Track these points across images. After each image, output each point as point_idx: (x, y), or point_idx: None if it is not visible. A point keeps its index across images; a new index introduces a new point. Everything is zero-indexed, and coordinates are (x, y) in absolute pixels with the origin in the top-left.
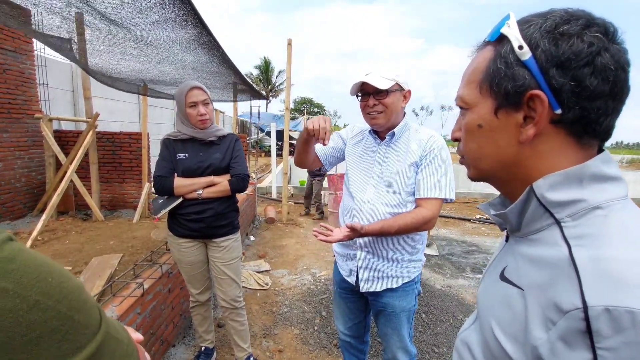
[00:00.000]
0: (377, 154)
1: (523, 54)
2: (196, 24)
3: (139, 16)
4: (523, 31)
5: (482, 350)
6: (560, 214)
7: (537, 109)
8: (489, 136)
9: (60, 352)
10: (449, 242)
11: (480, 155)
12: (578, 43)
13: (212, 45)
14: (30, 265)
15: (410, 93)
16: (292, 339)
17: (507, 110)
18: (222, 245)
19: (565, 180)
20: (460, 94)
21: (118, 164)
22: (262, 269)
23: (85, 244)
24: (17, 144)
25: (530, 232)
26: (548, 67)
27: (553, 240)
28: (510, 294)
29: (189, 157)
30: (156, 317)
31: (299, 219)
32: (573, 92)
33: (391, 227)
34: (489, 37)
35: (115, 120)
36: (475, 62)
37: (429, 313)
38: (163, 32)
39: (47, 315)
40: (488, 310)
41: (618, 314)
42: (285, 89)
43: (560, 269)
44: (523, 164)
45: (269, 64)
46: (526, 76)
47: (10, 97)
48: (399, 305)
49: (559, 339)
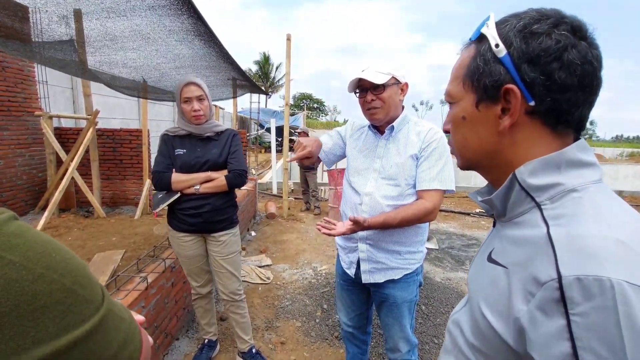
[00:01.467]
0: (378, 148)
1: (499, 51)
2: (191, 14)
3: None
4: (500, 30)
5: (471, 329)
6: (540, 198)
7: (512, 102)
8: (472, 127)
9: (64, 323)
10: (449, 236)
11: (465, 144)
12: (546, 40)
13: (209, 37)
14: (36, 241)
15: (407, 86)
16: (294, 332)
17: (486, 103)
18: (220, 240)
19: (544, 166)
20: (448, 89)
21: (119, 160)
22: (263, 264)
23: (88, 241)
24: (18, 141)
25: (515, 216)
26: (520, 63)
27: (534, 221)
28: (497, 273)
29: (187, 153)
30: (160, 310)
31: (299, 214)
32: (544, 86)
33: (394, 219)
34: (472, 36)
35: (115, 117)
36: (460, 60)
37: (429, 305)
38: (159, 18)
39: (51, 287)
40: (477, 292)
41: (588, 282)
42: (285, 84)
43: (539, 246)
44: (503, 152)
45: (268, 59)
46: (502, 72)
47: (9, 95)
48: (401, 296)
49: (537, 308)
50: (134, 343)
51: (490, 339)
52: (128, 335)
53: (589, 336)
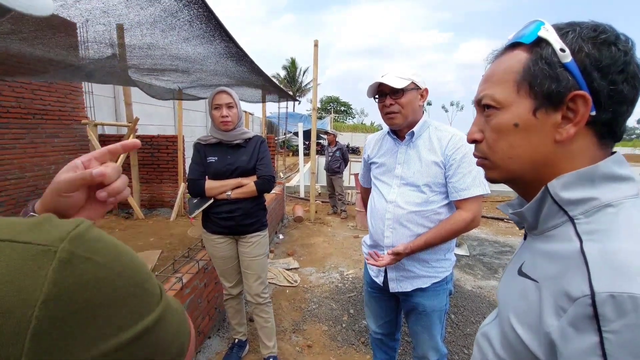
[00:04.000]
0: (399, 154)
1: (565, 56)
2: (223, 38)
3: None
4: (561, 36)
5: (501, 342)
6: (573, 212)
7: (578, 110)
8: (524, 136)
9: (138, 313)
10: (481, 242)
11: (513, 154)
12: (616, 51)
13: (241, 56)
14: (112, 244)
15: (427, 91)
16: (321, 335)
17: (546, 110)
18: (250, 241)
19: (577, 180)
20: (490, 93)
21: (156, 165)
22: (290, 267)
23: (128, 241)
24: (67, 148)
25: (547, 229)
26: (591, 70)
27: (567, 236)
28: (527, 287)
29: (218, 160)
30: (194, 309)
31: (326, 218)
32: (609, 96)
33: (435, 238)
34: (522, 39)
35: (152, 124)
36: (506, 63)
37: (458, 314)
38: (194, 48)
39: (127, 282)
40: (507, 304)
41: (621, 299)
42: (312, 89)
43: (572, 261)
44: (552, 164)
45: (295, 65)
46: (568, 77)
47: (60, 105)
48: (430, 304)
49: (569, 324)
50: (184, 333)
51: (519, 352)
52: (180, 326)
53: (622, 354)
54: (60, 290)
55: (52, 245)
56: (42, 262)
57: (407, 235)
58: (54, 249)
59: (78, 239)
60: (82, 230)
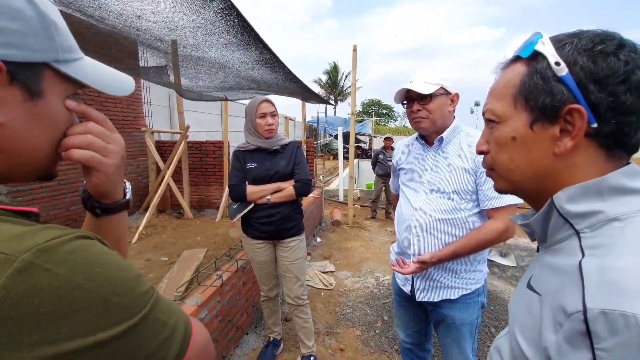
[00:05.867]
0: (427, 160)
1: (560, 69)
2: (257, 45)
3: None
4: (558, 49)
5: (510, 356)
6: (579, 225)
7: (575, 123)
8: (523, 149)
9: (95, 324)
10: (530, 253)
11: (513, 167)
12: (615, 61)
13: (275, 63)
14: (84, 257)
15: (458, 96)
16: (354, 340)
17: (543, 123)
18: (289, 246)
19: (583, 193)
20: (491, 107)
21: (204, 169)
22: (327, 270)
23: (178, 239)
24: (128, 153)
25: (554, 243)
26: (587, 83)
27: (571, 250)
28: (532, 301)
29: (257, 166)
30: (232, 306)
31: (364, 222)
32: (610, 107)
33: (464, 248)
34: (521, 53)
35: (202, 130)
36: (507, 77)
37: (499, 328)
38: (232, 54)
39: (86, 295)
40: (514, 318)
41: (613, 317)
42: (351, 94)
43: (570, 276)
44: (554, 176)
45: (337, 69)
46: (564, 91)
47: (123, 115)
48: (460, 317)
49: (564, 340)
50: (172, 348)
51: None
52: (167, 340)
53: None
54: (7, 294)
55: (14, 254)
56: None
57: (434, 244)
58: (14, 258)
59: (44, 250)
60: (54, 244)
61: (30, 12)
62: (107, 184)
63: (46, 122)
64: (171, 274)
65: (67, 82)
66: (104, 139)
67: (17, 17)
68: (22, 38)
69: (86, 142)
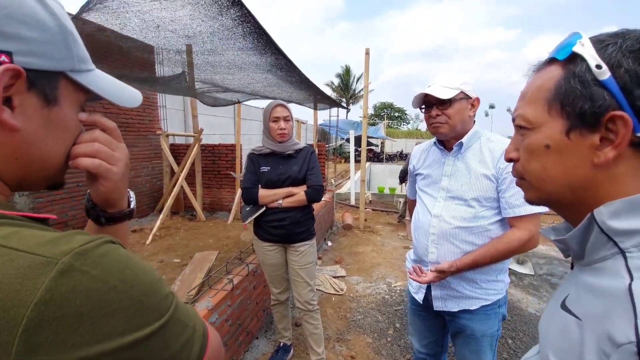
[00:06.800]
0: (445, 166)
1: (601, 73)
2: (273, 51)
3: (228, 42)
4: (599, 50)
5: None
6: (625, 244)
7: (618, 131)
8: (557, 157)
9: (129, 324)
10: (549, 261)
11: (546, 177)
12: None
13: (290, 67)
14: (116, 260)
15: (478, 101)
16: (365, 347)
17: (581, 131)
18: (299, 250)
19: (629, 208)
20: (522, 113)
21: (217, 171)
22: (338, 274)
23: (191, 241)
24: (144, 156)
25: (594, 261)
26: (632, 88)
27: (616, 270)
28: (569, 324)
29: (271, 170)
30: (243, 309)
31: (376, 227)
32: None
33: (484, 257)
34: (556, 55)
35: (214, 133)
36: (540, 80)
37: (516, 339)
38: (248, 57)
39: (121, 296)
40: (547, 340)
41: None
42: (363, 98)
43: (618, 300)
44: (594, 188)
45: (349, 72)
46: (605, 96)
47: (139, 118)
48: (479, 329)
49: None
50: (193, 348)
51: None
52: (189, 341)
53: None
54: (52, 296)
55: (55, 257)
56: (42, 271)
57: (453, 252)
58: (56, 261)
59: (81, 254)
60: (89, 247)
61: (51, 22)
62: (114, 192)
63: (60, 129)
64: (183, 276)
65: (79, 92)
66: (111, 147)
67: (39, 27)
68: (43, 47)
69: (94, 150)
